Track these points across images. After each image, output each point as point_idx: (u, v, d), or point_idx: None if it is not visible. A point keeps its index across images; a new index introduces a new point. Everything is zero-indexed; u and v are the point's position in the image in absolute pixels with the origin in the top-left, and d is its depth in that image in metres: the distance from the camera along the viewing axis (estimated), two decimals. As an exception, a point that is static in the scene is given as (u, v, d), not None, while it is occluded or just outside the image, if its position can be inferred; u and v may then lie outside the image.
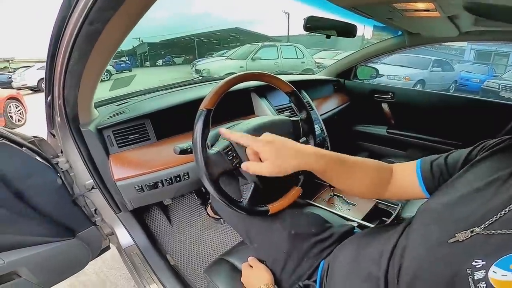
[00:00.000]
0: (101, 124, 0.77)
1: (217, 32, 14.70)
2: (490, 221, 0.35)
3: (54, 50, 0.50)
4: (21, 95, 5.36)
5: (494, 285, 0.31)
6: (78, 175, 0.90)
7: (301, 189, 0.73)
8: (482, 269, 0.33)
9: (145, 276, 1.02)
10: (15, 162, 0.73)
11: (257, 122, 0.70)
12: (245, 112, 1.11)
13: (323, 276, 0.58)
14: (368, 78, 1.85)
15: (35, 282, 0.93)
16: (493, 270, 0.32)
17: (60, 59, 0.50)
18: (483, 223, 0.36)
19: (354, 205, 1.11)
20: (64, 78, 0.51)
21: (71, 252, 0.97)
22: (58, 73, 0.53)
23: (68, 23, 0.43)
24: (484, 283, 0.32)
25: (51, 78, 0.58)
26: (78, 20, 0.40)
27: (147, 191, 0.83)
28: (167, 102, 0.90)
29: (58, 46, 0.48)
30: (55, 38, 0.48)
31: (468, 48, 12.14)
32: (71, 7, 0.41)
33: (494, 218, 0.35)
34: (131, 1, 0.37)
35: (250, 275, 0.68)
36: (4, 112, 4.75)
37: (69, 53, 0.46)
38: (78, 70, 0.51)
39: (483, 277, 0.32)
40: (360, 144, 1.86)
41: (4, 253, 0.82)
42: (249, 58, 6.21)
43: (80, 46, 0.44)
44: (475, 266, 0.33)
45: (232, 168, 0.58)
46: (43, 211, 0.82)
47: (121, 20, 0.41)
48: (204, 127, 0.54)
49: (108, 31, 0.42)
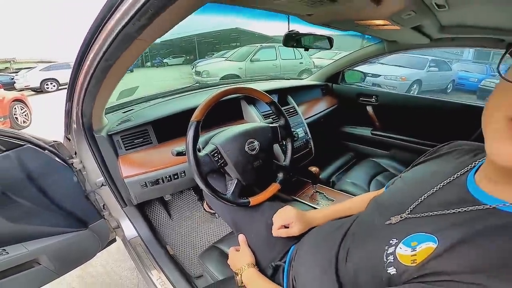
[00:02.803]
0: (111, 131, 0.91)
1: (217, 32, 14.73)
2: (413, 207, 0.44)
3: (76, 74, 0.64)
4: (26, 96, 5.41)
5: (398, 258, 0.38)
6: (89, 174, 1.04)
7: (279, 185, 0.86)
8: (394, 246, 0.40)
9: (147, 264, 1.14)
10: (39, 162, 0.86)
11: (243, 128, 0.84)
12: (235, 117, 1.24)
13: (292, 258, 0.68)
14: (357, 82, 1.96)
15: (52, 269, 1.03)
16: (400, 246, 0.39)
17: (80, 82, 0.64)
18: (409, 209, 0.44)
19: (333, 201, 1.24)
20: (84, 96, 0.65)
21: (83, 242, 1.08)
22: (78, 92, 0.67)
23: (87, 58, 0.56)
24: (392, 256, 0.39)
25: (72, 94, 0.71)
26: (95, 58, 0.54)
27: (149, 186, 0.97)
28: (166, 110, 1.04)
29: (79, 72, 0.62)
30: (76, 67, 0.62)
31: (466, 47, 12.10)
32: (89, 45, 0.54)
33: (414, 205, 0.44)
34: (137, 43, 0.50)
35: (235, 258, 0.77)
36: (10, 114, 4.81)
37: (89, 80, 0.59)
38: (95, 91, 0.64)
39: (392, 251, 0.39)
40: (347, 144, 1.97)
41: (28, 242, 0.94)
42: (247, 59, 6.20)
43: (97, 75, 0.58)
44: (391, 243, 0.40)
45: (218, 167, 0.72)
46: (61, 205, 0.95)
47: (129, 55, 0.55)
48: (195, 135, 0.68)
49: (118, 64, 0.56)
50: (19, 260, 0.92)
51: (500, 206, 0.35)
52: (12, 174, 0.81)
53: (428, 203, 0.43)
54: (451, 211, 0.38)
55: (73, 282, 1.49)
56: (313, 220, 0.73)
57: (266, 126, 0.85)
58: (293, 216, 0.71)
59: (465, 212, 0.37)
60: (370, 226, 0.50)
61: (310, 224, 0.72)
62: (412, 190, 0.48)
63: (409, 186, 0.51)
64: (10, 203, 0.84)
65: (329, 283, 0.50)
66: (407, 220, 0.43)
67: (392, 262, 0.38)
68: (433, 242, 0.36)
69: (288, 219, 0.71)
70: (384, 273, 0.39)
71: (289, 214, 0.72)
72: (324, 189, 1.33)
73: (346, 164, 1.72)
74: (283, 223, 0.72)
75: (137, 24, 0.41)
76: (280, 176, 0.87)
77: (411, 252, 0.37)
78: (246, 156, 0.77)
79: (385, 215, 0.47)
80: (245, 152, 0.77)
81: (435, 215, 0.40)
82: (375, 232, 0.46)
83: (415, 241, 0.38)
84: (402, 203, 0.46)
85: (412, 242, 0.38)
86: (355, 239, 0.51)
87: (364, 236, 0.49)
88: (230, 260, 0.79)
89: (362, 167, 1.52)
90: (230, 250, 0.81)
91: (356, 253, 0.48)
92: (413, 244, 0.38)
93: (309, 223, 0.72)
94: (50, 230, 0.98)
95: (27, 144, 0.84)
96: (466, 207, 0.38)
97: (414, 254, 0.37)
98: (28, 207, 0.88)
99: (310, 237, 0.67)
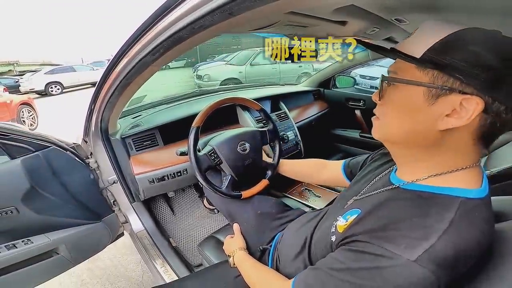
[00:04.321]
0: (124, 134, 1.06)
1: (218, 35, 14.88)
2: (361, 192, 0.55)
3: (99, 89, 0.78)
4: (32, 99, 5.56)
5: (337, 228, 0.50)
6: (103, 172, 1.18)
7: (268, 181, 1.00)
8: (338, 220, 0.51)
9: (153, 254, 1.25)
10: (62, 161, 1.01)
11: (236, 132, 0.98)
12: (232, 122, 1.38)
13: (277, 243, 0.78)
14: (348, 86, 2.09)
15: (69, 258, 1.13)
16: (340, 220, 0.51)
17: (102, 95, 0.78)
18: (359, 193, 0.56)
19: (319, 197, 1.38)
20: (105, 106, 0.80)
21: (97, 233, 1.20)
22: (100, 102, 0.82)
23: (110, 76, 0.71)
24: (334, 227, 0.51)
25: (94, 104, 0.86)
26: (118, 77, 0.69)
27: (156, 182, 1.11)
28: (170, 116, 1.20)
29: (102, 87, 0.77)
30: (100, 84, 0.76)
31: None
32: (113, 67, 0.69)
33: (362, 190, 0.55)
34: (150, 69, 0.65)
35: (229, 243, 0.86)
36: (17, 117, 4.96)
37: (111, 93, 0.74)
38: (114, 102, 0.79)
39: (336, 223, 0.51)
40: (337, 146, 2.10)
41: (50, 233, 1.06)
42: (247, 63, 6.28)
43: (118, 90, 0.72)
44: (337, 219, 0.52)
45: (214, 165, 0.87)
46: (79, 199, 1.08)
47: (143, 77, 0.70)
48: (195, 138, 0.83)
49: (135, 82, 0.71)
50: (41, 249, 1.03)
51: (401, 185, 0.46)
52: (40, 171, 0.96)
53: (368, 189, 0.55)
54: (375, 192, 0.51)
55: (83, 274, 1.61)
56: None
57: (256, 130, 0.99)
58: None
59: (381, 192, 0.49)
60: (334, 209, 0.62)
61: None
62: (364, 180, 0.60)
63: (363, 177, 0.62)
64: (37, 197, 0.97)
65: (303, 258, 0.61)
66: (355, 201, 0.55)
67: (334, 232, 0.50)
68: (357, 214, 0.48)
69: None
70: (329, 240, 0.50)
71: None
72: (312, 187, 1.46)
73: (336, 164, 1.85)
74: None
75: (152, 57, 0.55)
76: (268, 173, 1.01)
77: (344, 222, 0.49)
78: (238, 155, 0.91)
79: (347, 198, 0.58)
80: (237, 152, 0.91)
81: (368, 196, 0.52)
82: (334, 213, 0.57)
83: (349, 214, 0.50)
84: (356, 190, 0.58)
85: (348, 215, 0.50)
86: (323, 220, 0.63)
87: (328, 217, 0.61)
88: (224, 246, 0.88)
89: (349, 167, 1.65)
90: (226, 238, 0.91)
91: (319, 230, 0.60)
92: (348, 217, 0.49)
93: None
94: (69, 222, 1.10)
95: (53, 145, 0.99)
96: (382, 188, 0.50)
97: (345, 224, 0.48)
98: (52, 200, 1.01)
99: (293, 225, 0.77)
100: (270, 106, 1.54)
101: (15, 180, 0.91)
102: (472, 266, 0.38)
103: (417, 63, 0.39)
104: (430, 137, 0.41)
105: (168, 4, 0.44)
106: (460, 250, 0.36)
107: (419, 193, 0.43)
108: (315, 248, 0.58)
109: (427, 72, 0.39)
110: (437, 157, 0.43)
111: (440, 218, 0.37)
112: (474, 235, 0.37)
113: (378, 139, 0.49)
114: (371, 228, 0.42)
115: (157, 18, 0.48)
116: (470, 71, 0.35)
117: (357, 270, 0.40)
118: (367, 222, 0.44)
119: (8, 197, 0.91)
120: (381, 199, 0.47)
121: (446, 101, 0.38)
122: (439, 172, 0.42)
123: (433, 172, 0.43)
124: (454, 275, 0.36)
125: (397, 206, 0.44)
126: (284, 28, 0.78)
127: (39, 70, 10.55)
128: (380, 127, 0.48)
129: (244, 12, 0.39)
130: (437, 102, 0.38)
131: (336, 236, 0.49)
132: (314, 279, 0.46)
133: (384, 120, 0.47)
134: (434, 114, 0.39)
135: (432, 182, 0.43)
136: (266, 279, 0.64)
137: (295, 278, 0.51)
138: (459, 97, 0.36)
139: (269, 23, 0.61)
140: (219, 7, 0.38)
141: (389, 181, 0.50)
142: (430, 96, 0.39)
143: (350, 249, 0.43)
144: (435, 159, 0.43)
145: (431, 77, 0.38)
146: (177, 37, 0.48)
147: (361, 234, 0.43)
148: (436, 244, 0.35)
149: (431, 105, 0.39)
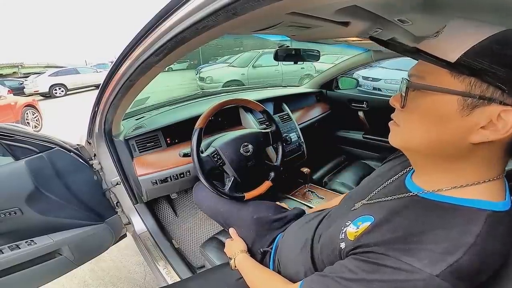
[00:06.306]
0: (127, 136, 1.06)
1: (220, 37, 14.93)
2: (370, 196, 0.53)
3: (103, 91, 0.79)
4: (37, 101, 5.61)
5: (347, 234, 0.47)
6: (106, 174, 1.18)
7: (271, 183, 1.00)
8: (347, 226, 0.49)
9: (155, 256, 1.25)
10: (65, 163, 1.02)
11: (238, 133, 0.98)
12: (235, 123, 1.38)
13: (277, 245, 0.77)
14: (351, 88, 2.08)
15: (72, 259, 1.13)
16: (350, 226, 0.48)
17: (106, 96, 0.79)
18: (368, 197, 0.53)
19: (323, 199, 1.37)
20: (109, 107, 0.80)
21: (100, 235, 1.20)
22: (103, 104, 0.82)
23: (114, 78, 0.71)
24: (344, 233, 0.48)
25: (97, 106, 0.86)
26: (121, 78, 0.69)
27: (159, 184, 1.11)
28: (173, 118, 1.20)
29: (106, 89, 0.77)
30: (104, 85, 0.77)
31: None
32: (117, 69, 0.69)
33: (371, 194, 0.53)
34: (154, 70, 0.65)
35: (230, 246, 0.86)
36: (22, 119, 5.00)
37: (115, 95, 0.74)
38: (118, 103, 0.79)
39: (345, 229, 0.48)
40: (341, 148, 2.08)
41: (53, 234, 1.06)
42: (250, 65, 6.26)
43: (122, 91, 0.73)
44: (346, 224, 0.49)
45: (217, 166, 0.86)
46: (83, 200, 1.09)
47: (147, 78, 0.70)
48: (198, 139, 0.83)
49: (138, 83, 0.71)
50: (45, 250, 1.03)
51: (420, 193, 0.43)
52: (44, 172, 0.96)
53: (379, 193, 0.52)
54: (389, 198, 0.48)
55: (86, 275, 1.61)
56: None
57: (259, 132, 0.99)
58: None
59: (397, 198, 0.46)
60: (340, 211, 0.60)
61: None
62: (373, 183, 0.58)
63: (373, 180, 0.60)
64: (41, 198, 0.98)
65: (304, 260, 0.60)
66: (364, 206, 0.52)
67: (343, 238, 0.48)
68: (370, 222, 0.45)
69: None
70: (338, 247, 0.48)
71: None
72: (316, 188, 1.46)
73: (339, 165, 1.83)
74: None
75: (156, 58, 0.55)
76: (272, 174, 1.00)
77: (355, 229, 0.46)
78: (241, 157, 0.91)
79: (354, 200, 0.56)
80: (240, 154, 0.91)
81: (380, 201, 0.49)
82: (341, 216, 0.56)
83: (361, 221, 0.47)
84: (364, 193, 0.56)
85: (359, 222, 0.47)
86: (328, 222, 0.61)
87: (334, 219, 0.59)
88: (226, 249, 0.88)
89: (353, 168, 1.65)
90: (226, 241, 0.91)
91: (324, 233, 0.58)
92: (359, 223, 0.47)
93: None
94: (72, 223, 1.10)
95: (57, 147, 0.99)
96: (398, 195, 0.47)
97: (357, 231, 0.45)
98: (55, 201, 1.01)
99: (293, 226, 0.77)
100: (273, 107, 1.54)
101: (19, 181, 0.91)
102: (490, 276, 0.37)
103: (452, 68, 0.35)
104: (459, 148, 0.38)
105: (171, 5, 0.44)
106: (484, 263, 0.34)
107: (439, 203, 0.40)
108: (321, 252, 0.56)
109: (462, 79, 0.34)
110: (462, 169, 0.40)
111: (465, 231, 0.35)
112: (498, 248, 0.36)
113: (397, 147, 0.46)
114: (388, 239, 0.40)
115: (160, 19, 0.48)
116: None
117: (372, 282, 0.38)
118: (383, 231, 0.42)
119: (12, 198, 0.91)
120: (397, 207, 0.44)
121: (483, 112, 0.34)
122: (464, 184, 0.39)
123: (457, 183, 0.40)
124: (473, 285, 0.35)
125: (416, 216, 0.41)
126: (287, 29, 0.78)
127: (43, 72, 10.68)
128: (401, 134, 0.45)
129: (248, 12, 0.39)
130: (473, 113, 0.34)
131: (346, 243, 0.47)
132: (322, 286, 0.44)
133: (406, 126, 0.43)
134: (467, 126, 0.35)
135: (454, 193, 0.40)
136: (269, 282, 0.63)
137: (302, 283, 0.49)
138: (499, 108, 0.33)
139: (272, 23, 0.61)
140: (223, 7, 0.37)
141: (405, 187, 0.48)
142: (465, 106, 0.35)
143: (364, 260, 0.40)
144: (460, 171, 0.40)
145: (467, 85, 0.34)
146: (181, 38, 0.48)
147: (377, 246, 0.40)
148: (462, 259, 0.33)
149: (465, 116, 0.35)
